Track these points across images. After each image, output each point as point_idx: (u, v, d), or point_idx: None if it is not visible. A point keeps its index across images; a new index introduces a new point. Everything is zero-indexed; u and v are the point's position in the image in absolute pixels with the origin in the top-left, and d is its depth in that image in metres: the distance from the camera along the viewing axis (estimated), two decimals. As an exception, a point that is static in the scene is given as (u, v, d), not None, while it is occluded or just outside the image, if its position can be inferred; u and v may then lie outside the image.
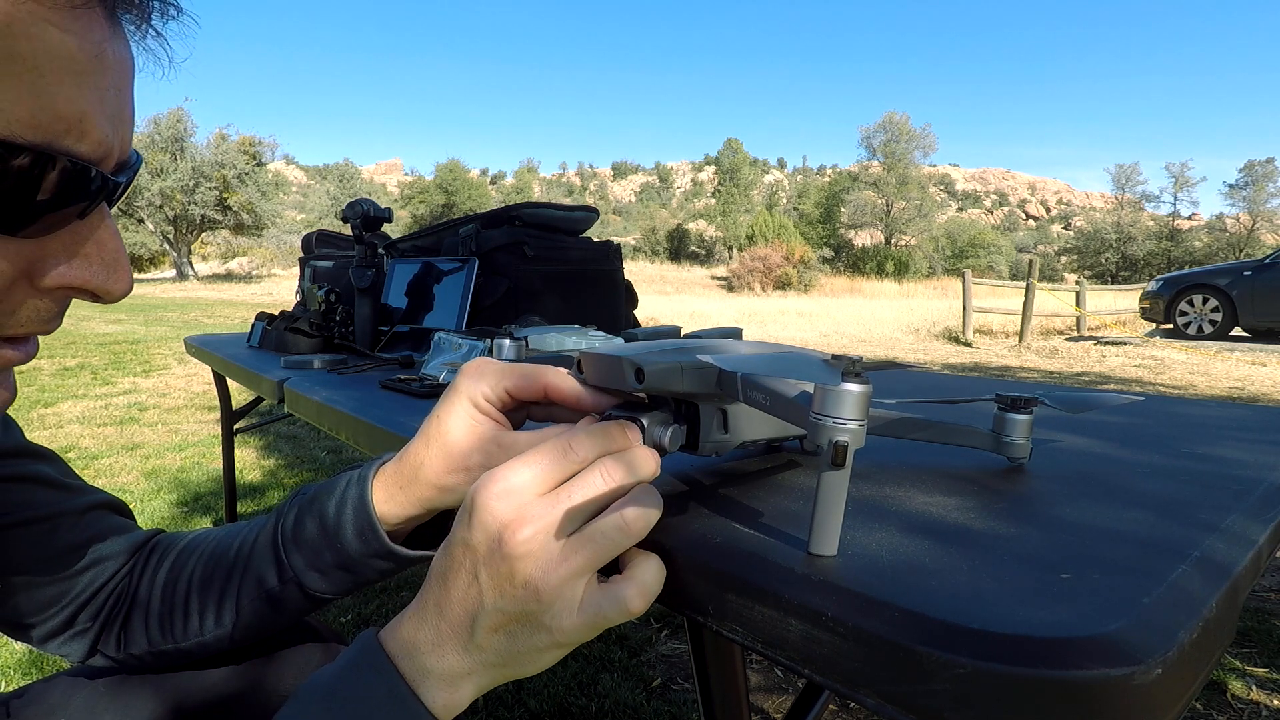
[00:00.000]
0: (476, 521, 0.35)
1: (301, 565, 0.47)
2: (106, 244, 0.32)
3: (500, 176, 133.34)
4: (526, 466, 0.35)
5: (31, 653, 1.57)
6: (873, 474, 0.50)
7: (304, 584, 0.47)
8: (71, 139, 0.28)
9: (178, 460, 3.02)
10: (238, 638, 0.51)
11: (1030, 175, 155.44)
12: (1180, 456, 0.57)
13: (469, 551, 0.35)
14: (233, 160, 26.49)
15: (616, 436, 0.38)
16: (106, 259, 0.32)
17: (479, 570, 0.35)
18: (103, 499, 0.54)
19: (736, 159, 59.15)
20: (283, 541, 0.48)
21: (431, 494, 0.43)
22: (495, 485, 0.35)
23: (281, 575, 0.48)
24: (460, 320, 1.32)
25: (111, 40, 0.29)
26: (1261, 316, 7.92)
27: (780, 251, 35.56)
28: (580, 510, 0.35)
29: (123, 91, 0.31)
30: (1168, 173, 46.26)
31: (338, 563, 0.46)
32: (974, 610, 0.28)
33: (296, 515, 0.48)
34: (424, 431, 0.44)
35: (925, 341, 9.13)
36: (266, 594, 0.48)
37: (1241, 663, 1.52)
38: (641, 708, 1.35)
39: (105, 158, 0.30)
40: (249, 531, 0.51)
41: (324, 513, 0.46)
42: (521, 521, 0.34)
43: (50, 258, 0.31)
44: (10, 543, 0.47)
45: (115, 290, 0.33)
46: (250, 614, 0.49)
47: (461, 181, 59.22)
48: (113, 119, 0.30)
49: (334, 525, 0.45)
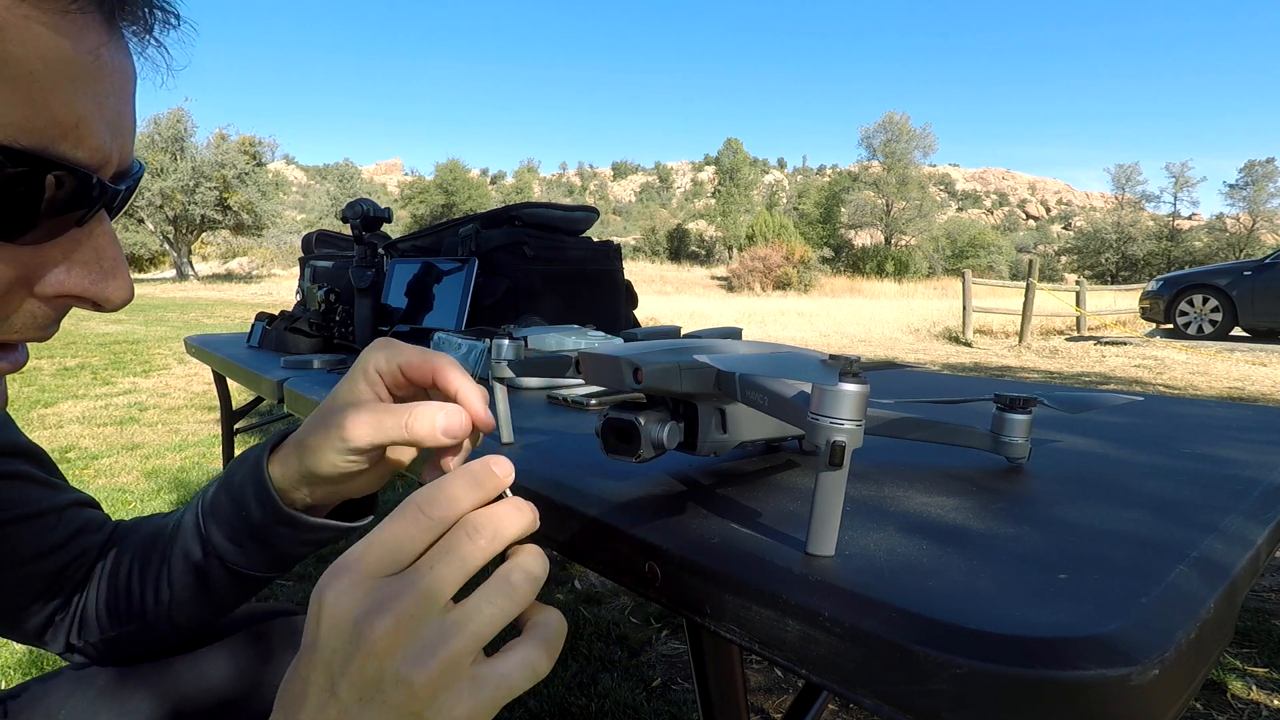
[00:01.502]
0: (325, 622, 0.30)
1: (219, 537, 0.48)
2: (105, 251, 0.32)
3: (500, 176, 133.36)
4: (373, 543, 0.31)
5: (31, 652, 1.57)
6: (871, 474, 0.50)
7: (222, 556, 0.48)
8: (68, 145, 0.28)
9: (178, 460, 3.02)
10: (176, 619, 0.51)
11: (1030, 175, 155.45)
12: (1179, 456, 0.57)
13: (319, 663, 0.29)
14: (233, 160, 26.47)
15: (482, 481, 0.33)
16: (106, 267, 0.32)
17: (336, 683, 0.29)
18: (82, 496, 0.55)
19: (736, 159, 59.15)
20: (202, 515, 0.49)
21: (302, 455, 0.43)
22: (339, 575, 0.30)
23: (204, 548, 0.49)
24: (460, 320, 1.32)
25: (109, 47, 0.29)
26: (1261, 316, 7.92)
27: (780, 251, 35.56)
28: (447, 582, 0.30)
29: (122, 99, 0.30)
30: (1168, 173, 46.28)
31: (248, 532, 0.47)
32: (972, 610, 0.28)
33: (215, 488, 0.49)
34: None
35: (925, 341, 9.13)
36: (193, 567, 0.49)
37: (1241, 663, 1.52)
38: (641, 708, 1.35)
39: (104, 164, 0.30)
40: (183, 509, 0.52)
41: (231, 481, 0.47)
42: (379, 609, 0.29)
43: (48, 264, 0.31)
44: (9, 538, 0.48)
45: (114, 298, 0.32)
46: (182, 589, 0.50)
47: (461, 181, 59.22)
48: (111, 125, 0.29)
49: (239, 493, 0.47)
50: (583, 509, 0.44)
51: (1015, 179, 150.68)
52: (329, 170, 70.10)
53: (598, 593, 1.84)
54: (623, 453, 0.41)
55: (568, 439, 0.64)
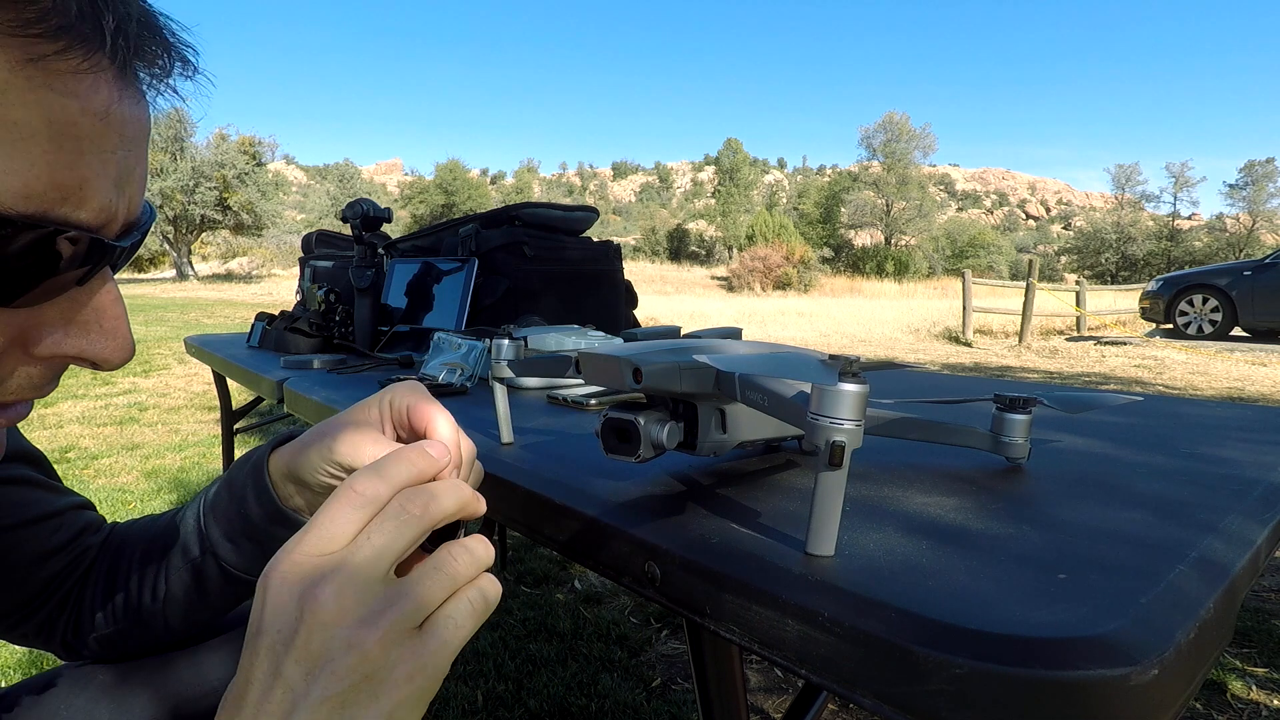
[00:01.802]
0: (270, 604, 0.30)
1: (217, 534, 0.48)
2: (106, 312, 0.30)
3: (500, 176, 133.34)
4: (311, 527, 0.32)
5: (31, 652, 1.57)
6: (871, 474, 0.50)
7: (219, 555, 0.48)
8: (69, 207, 0.26)
9: (178, 460, 3.02)
10: (171, 618, 0.51)
11: (1030, 175, 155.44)
12: (1179, 456, 0.57)
13: (264, 649, 0.30)
14: (233, 160, 26.48)
15: (414, 460, 0.34)
16: (106, 327, 0.31)
17: (281, 664, 0.29)
18: (79, 499, 0.55)
19: (736, 159, 59.13)
20: (203, 513, 0.49)
21: (298, 459, 0.44)
22: (280, 560, 0.31)
23: (202, 545, 0.49)
24: (460, 320, 1.32)
25: (120, 101, 0.27)
26: (1261, 316, 7.92)
27: (780, 251, 35.55)
28: (386, 551, 0.31)
29: (133, 152, 0.29)
30: (1168, 173, 46.27)
31: (245, 530, 0.47)
32: (971, 610, 0.28)
33: (218, 486, 0.50)
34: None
35: (925, 341, 9.13)
36: (190, 565, 0.49)
37: (1241, 663, 1.52)
38: (641, 708, 1.35)
39: (108, 223, 0.28)
40: (184, 507, 0.52)
41: (234, 479, 0.48)
42: (322, 580, 0.30)
43: (46, 326, 0.29)
44: (12, 542, 0.48)
45: (114, 360, 0.31)
46: (178, 587, 0.50)
47: (461, 181, 59.20)
48: (119, 182, 0.28)
49: (239, 490, 0.47)
50: (583, 509, 0.44)
51: (1015, 179, 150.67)
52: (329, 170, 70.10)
53: (598, 593, 1.84)
54: (623, 453, 0.41)
55: (568, 439, 0.64)
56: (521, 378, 0.88)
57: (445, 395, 0.89)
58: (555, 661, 1.51)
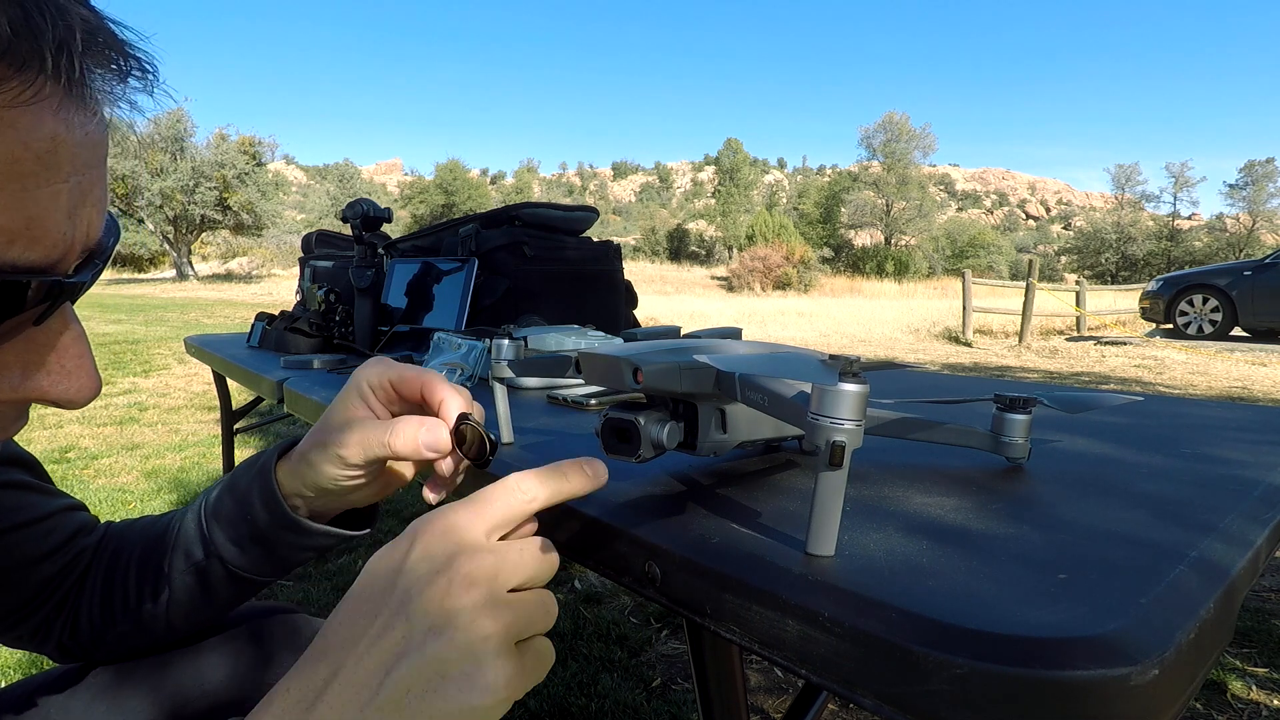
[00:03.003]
0: (422, 543, 0.32)
1: (222, 538, 0.48)
2: (68, 351, 0.29)
3: (500, 176, 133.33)
4: (478, 502, 0.34)
5: (30, 653, 1.57)
6: (871, 474, 0.50)
7: (224, 558, 0.49)
8: (17, 249, 0.24)
9: (178, 460, 3.02)
10: (174, 619, 0.51)
11: (1030, 175, 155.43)
12: (1179, 457, 0.57)
13: (400, 584, 0.31)
14: (233, 160, 26.47)
15: (571, 479, 0.37)
16: (68, 367, 0.29)
17: (411, 605, 0.31)
18: (72, 501, 0.55)
19: (736, 159, 59.10)
20: (205, 516, 0.49)
21: (305, 469, 0.45)
22: (445, 515, 0.33)
23: (206, 549, 0.49)
24: (460, 320, 1.32)
25: (69, 127, 0.25)
26: (1261, 316, 7.92)
27: (780, 251, 35.53)
28: (521, 568, 0.33)
29: (88, 175, 0.26)
30: (1168, 173, 46.25)
31: (252, 535, 0.47)
32: (971, 610, 0.28)
33: (219, 491, 0.50)
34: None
35: (925, 341, 9.13)
36: (194, 567, 0.50)
37: (1241, 663, 1.52)
38: (641, 708, 1.35)
39: (63, 257, 0.26)
40: (183, 510, 0.52)
41: (236, 485, 0.48)
42: (482, 551, 0.32)
43: (3, 369, 0.28)
44: (7, 546, 0.48)
45: (78, 400, 0.30)
46: (181, 589, 0.50)
47: (461, 181, 59.19)
48: (72, 213, 0.26)
49: (244, 496, 0.47)
50: (583, 509, 0.44)
51: (1015, 179, 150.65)
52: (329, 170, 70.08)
53: (598, 593, 1.84)
54: (623, 453, 0.41)
55: (568, 439, 0.64)
56: (521, 378, 0.88)
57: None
58: (555, 661, 1.51)
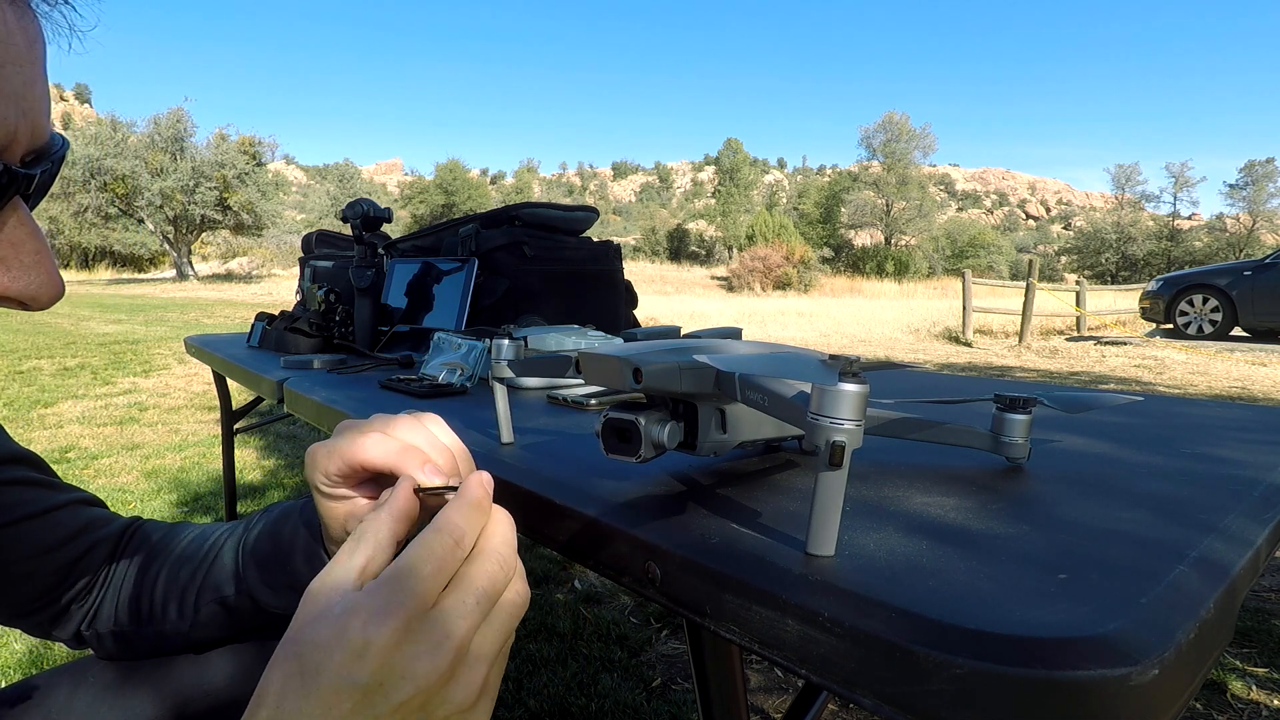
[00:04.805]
0: (374, 659, 0.30)
1: (256, 580, 0.48)
2: (24, 246, 0.28)
3: (500, 176, 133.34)
4: (411, 585, 0.31)
5: (31, 651, 1.57)
6: (871, 474, 0.50)
7: (256, 598, 0.49)
8: None
9: (178, 460, 3.02)
10: (195, 637, 0.52)
11: (1030, 175, 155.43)
12: (1179, 456, 0.57)
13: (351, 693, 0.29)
14: (233, 160, 26.45)
15: (483, 504, 0.35)
16: (26, 262, 0.28)
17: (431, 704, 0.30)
18: (84, 495, 0.55)
19: (736, 159, 59.08)
20: (243, 555, 0.49)
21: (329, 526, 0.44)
22: (385, 613, 0.30)
23: (238, 587, 0.49)
24: (460, 320, 1.32)
25: (8, 10, 0.25)
26: (1261, 316, 7.92)
27: (780, 251, 35.51)
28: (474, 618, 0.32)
29: (25, 68, 0.26)
30: (1168, 173, 46.23)
31: (289, 583, 0.47)
32: (971, 610, 0.28)
33: (259, 532, 0.50)
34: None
35: (925, 341, 9.13)
36: (221, 601, 0.50)
37: (1241, 663, 1.52)
38: (641, 708, 1.35)
39: (8, 145, 0.26)
40: (220, 536, 0.52)
41: (279, 533, 0.48)
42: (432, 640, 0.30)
43: None
44: (11, 540, 0.48)
45: (40, 297, 0.29)
46: (207, 616, 0.50)
47: (461, 181, 59.18)
48: (14, 99, 0.25)
49: (287, 547, 0.47)
50: (583, 509, 0.44)
51: (1015, 179, 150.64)
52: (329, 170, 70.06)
53: (598, 593, 1.84)
54: (623, 453, 0.41)
55: (568, 439, 0.64)
56: (521, 378, 0.88)
57: (445, 395, 0.89)
58: (555, 661, 1.51)
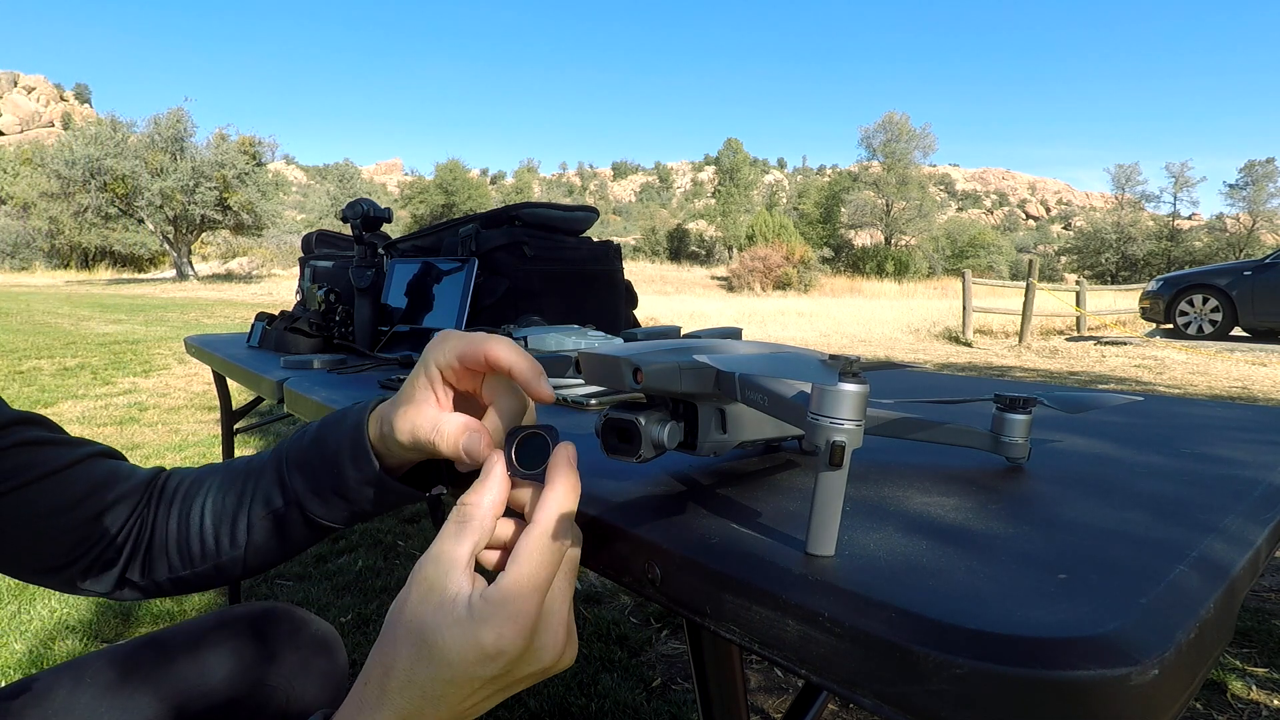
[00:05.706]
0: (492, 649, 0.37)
1: (303, 489, 0.49)
2: None
3: (500, 176, 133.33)
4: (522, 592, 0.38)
5: (31, 651, 1.57)
6: (871, 474, 0.50)
7: (304, 507, 0.49)
8: None
9: (178, 460, 3.02)
10: (250, 561, 0.52)
11: (1030, 175, 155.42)
12: (1179, 456, 0.57)
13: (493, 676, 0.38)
14: (233, 160, 26.44)
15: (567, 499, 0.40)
16: None
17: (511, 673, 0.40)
18: (100, 447, 0.55)
19: (736, 159, 59.05)
20: (286, 465, 0.50)
21: (393, 446, 0.45)
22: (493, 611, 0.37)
23: (285, 496, 0.50)
24: (460, 320, 1.32)
25: None
26: (1261, 316, 7.92)
27: (780, 251, 35.50)
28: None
29: None
30: (1168, 173, 46.20)
31: (334, 488, 0.48)
32: (972, 610, 0.28)
33: (299, 441, 0.50)
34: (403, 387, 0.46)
35: (925, 341, 9.13)
36: (273, 514, 0.50)
37: (1241, 663, 1.52)
38: (641, 708, 1.35)
39: None
40: (256, 458, 0.53)
41: (324, 438, 0.49)
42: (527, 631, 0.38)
43: None
44: (30, 498, 0.48)
45: None
46: (260, 534, 0.51)
47: (461, 181, 59.15)
48: None
49: (333, 450, 0.48)
50: (583, 509, 0.44)
51: (1015, 179, 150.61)
52: (329, 170, 70.03)
53: (598, 593, 1.84)
54: (623, 453, 0.41)
55: (568, 439, 0.64)
56: (521, 378, 0.88)
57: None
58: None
